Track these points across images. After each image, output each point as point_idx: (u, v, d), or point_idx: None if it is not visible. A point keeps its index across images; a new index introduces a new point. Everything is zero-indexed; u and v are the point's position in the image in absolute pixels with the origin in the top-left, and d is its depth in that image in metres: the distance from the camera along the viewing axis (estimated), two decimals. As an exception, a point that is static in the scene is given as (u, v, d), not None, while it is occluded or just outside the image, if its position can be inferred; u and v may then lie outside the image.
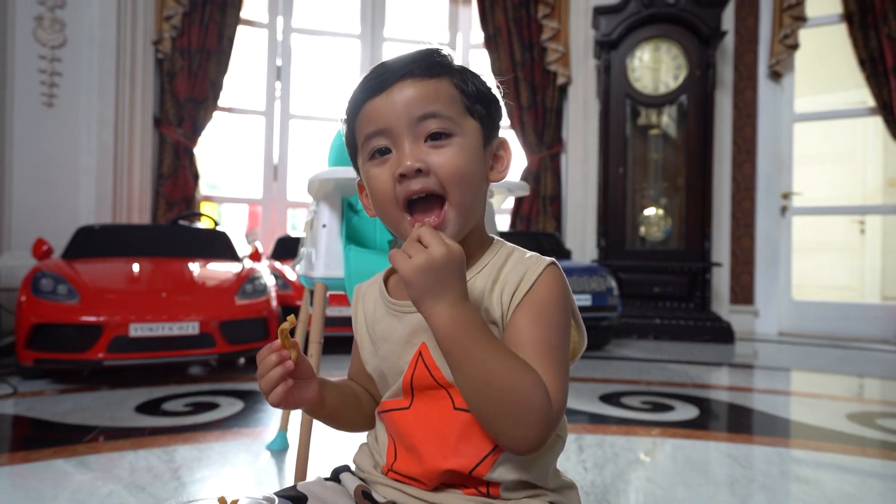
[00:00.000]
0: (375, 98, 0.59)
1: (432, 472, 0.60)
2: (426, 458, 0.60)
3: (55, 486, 1.50)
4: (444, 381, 0.60)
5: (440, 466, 0.59)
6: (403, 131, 0.58)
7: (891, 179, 5.56)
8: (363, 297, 0.71)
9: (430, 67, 0.60)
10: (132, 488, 1.49)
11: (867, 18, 4.51)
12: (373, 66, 0.63)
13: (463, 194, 0.59)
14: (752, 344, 4.43)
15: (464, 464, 0.59)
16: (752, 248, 5.09)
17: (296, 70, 5.55)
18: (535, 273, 0.59)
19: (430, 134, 0.58)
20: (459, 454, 0.59)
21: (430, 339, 0.60)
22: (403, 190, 0.58)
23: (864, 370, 3.45)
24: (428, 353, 0.61)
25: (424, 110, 0.58)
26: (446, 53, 0.63)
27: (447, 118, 0.58)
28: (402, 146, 0.58)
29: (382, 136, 0.59)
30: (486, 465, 0.58)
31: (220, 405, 2.33)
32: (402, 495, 0.63)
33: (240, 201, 5.86)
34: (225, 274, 3.12)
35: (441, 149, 0.58)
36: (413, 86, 0.58)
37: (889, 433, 2.13)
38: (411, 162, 0.57)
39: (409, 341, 0.63)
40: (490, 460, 0.58)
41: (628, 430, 2.08)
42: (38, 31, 4.28)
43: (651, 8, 4.61)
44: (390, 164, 0.59)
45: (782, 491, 1.57)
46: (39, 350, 2.56)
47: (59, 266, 2.89)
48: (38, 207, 4.27)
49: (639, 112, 4.85)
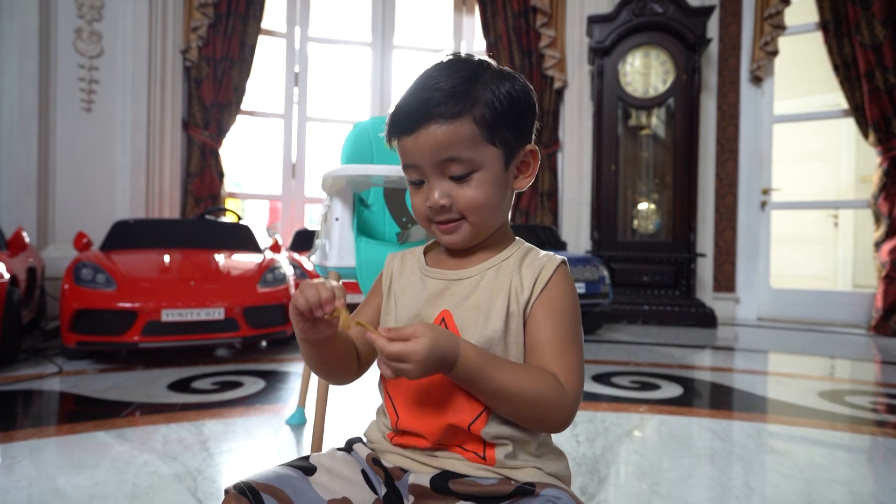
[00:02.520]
0: (406, 138, 0.62)
1: (434, 426, 0.62)
2: (428, 413, 0.63)
3: (97, 455, 1.52)
4: None
5: (442, 420, 0.62)
6: (431, 170, 0.62)
7: (863, 176, 5.50)
8: (400, 260, 0.74)
9: (453, 107, 0.60)
10: (165, 458, 1.51)
11: (841, 27, 4.45)
12: (405, 96, 0.63)
13: (480, 217, 0.63)
14: (733, 328, 4.42)
15: (462, 419, 0.61)
16: (734, 239, 5.06)
17: (312, 76, 5.53)
18: (550, 271, 0.64)
19: (452, 175, 0.62)
20: (458, 409, 0.62)
21: (452, 305, 0.65)
22: (433, 215, 0.64)
23: (835, 352, 3.44)
24: (451, 320, 0.64)
25: (446, 155, 0.61)
26: (472, 74, 0.61)
27: (466, 160, 0.61)
28: (432, 180, 0.63)
29: (415, 170, 0.64)
30: (481, 421, 0.61)
31: (244, 384, 2.36)
32: (408, 461, 0.65)
33: (261, 197, 5.87)
34: (248, 264, 3.13)
35: (462, 185, 0.62)
36: (436, 132, 0.60)
37: (856, 409, 2.13)
38: (437, 198, 0.63)
39: (430, 302, 0.66)
40: (483, 417, 0.61)
41: (618, 407, 2.09)
42: (78, 42, 4.29)
43: (641, 17, 4.57)
44: (424, 193, 0.64)
45: (758, 462, 1.58)
46: (81, 333, 2.59)
47: (98, 257, 2.92)
48: (78, 204, 4.30)
49: (630, 114, 4.82)
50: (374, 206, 1.64)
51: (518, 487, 0.59)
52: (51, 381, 2.36)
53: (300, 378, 1.98)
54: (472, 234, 0.65)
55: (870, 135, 4.39)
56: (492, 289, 0.64)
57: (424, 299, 0.67)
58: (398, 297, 0.70)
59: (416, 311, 0.67)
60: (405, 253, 0.76)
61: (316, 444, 1.33)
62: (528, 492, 0.59)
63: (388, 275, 0.73)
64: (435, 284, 0.67)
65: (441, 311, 0.65)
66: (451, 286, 0.66)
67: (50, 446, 1.59)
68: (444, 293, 0.66)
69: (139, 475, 1.40)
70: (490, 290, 0.64)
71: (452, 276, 0.67)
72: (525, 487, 0.59)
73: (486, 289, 0.65)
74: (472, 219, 0.64)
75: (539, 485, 0.60)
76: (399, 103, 0.64)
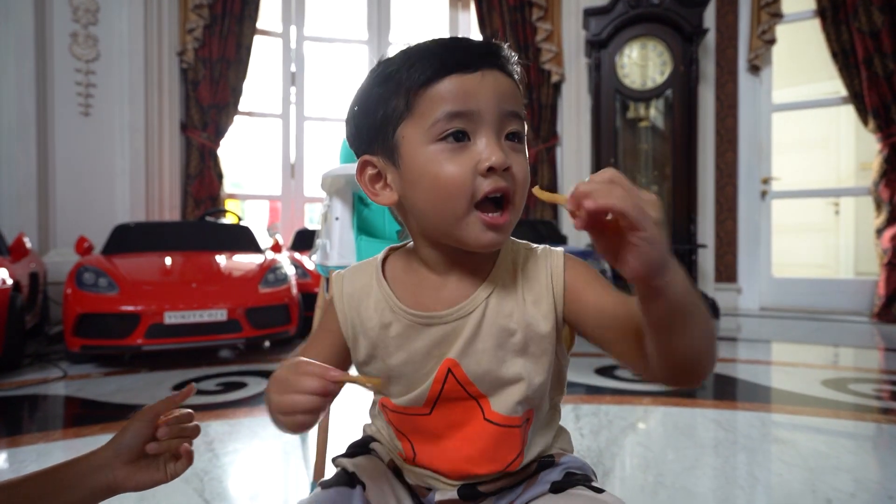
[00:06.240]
0: (467, 75, 0.48)
1: (459, 472, 0.56)
2: (453, 459, 0.55)
3: (103, 458, 1.53)
4: (478, 392, 0.54)
5: (469, 471, 0.55)
6: (492, 121, 0.49)
7: (863, 163, 5.48)
8: (353, 294, 0.58)
9: (511, 65, 0.51)
10: (172, 459, 1.52)
11: (839, 14, 4.43)
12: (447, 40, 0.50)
13: (522, 199, 0.51)
14: (735, 318, 4.42)
15: (494, 468, 0.55)
16: (734, 230, 5.05)
17: (309, 75, 5.52)
18: (559, 263, 0.55)
19: (509, 133, 0.50)
20: (490, 461, 0.55)
21: (457, 353, 0.53)
22: (490, 184, 0.48)
23: (838, 340, 3.44)
24: (459, 370, 0.53)
25: (512, 107, 0.50)
26: None
27: (523, 121, 0.52)
28: (487, 137, 0.48)
29: (466, 119, 0.48)
30: (516, 463, 0.56)
31: (248, 384, 2.36)
32: (431, 480, 0.59)
33: (261, 198, 5.86)
34: (249, 265, 3.14)
35: (517, 151, 0.51)
36: (504, 78, 0.50)
37: (860, 397, 2.13)
38: (503, 157, 0.48)
39: (429, 353, 0.54)
40: (519, 459, 0.56)
41: (621, 400, 2.09)
42: (74, 46, 4.28)
43: (637, 8, 4.54)
44: (470, 155, 0.48)
45: (761, 451, 1.58)
46: (85, 337, 2.60)
47: (100, 261, 2.92)
48: (78, 208, 4.30)
49: (628, 106, 4.80)
50: (373, 204, 1.65)
51: (539, 463, 0.58)
52: (55, 385, 2.37)
53: (304, 377, 1.99)
54: (510, 229, 0.52)
55: (869, 121, 4.38)
56: (504, 314, 0.53)
57: (424, 350, 0.54)
58: (395, 348, 0.55)
59: (416, 364, 0.54)
60: (354, 273, 0.59)
61: (321, 444, 1.34)
62: (548, 463, 0.58)
63: (343, 309, 0.57)
64: (434, 332, 0.54)
65: (444, 361, 0.54)
66: (450, 330, 0.53)
67: (56, 450, 1.60)
68: (445, 337, 0.53)
69: (146, 477, 1.40)
70: (505, 315, 0.53)
71: (449, 320, 0.53)
72: (545, 460, 0.58)
73: (496, 317, 0.53)
74: (517, 201, 0.50)
75: (557, 454, 0.59)
76: (442, 42, 0.50)
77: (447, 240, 0.52)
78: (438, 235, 0.52)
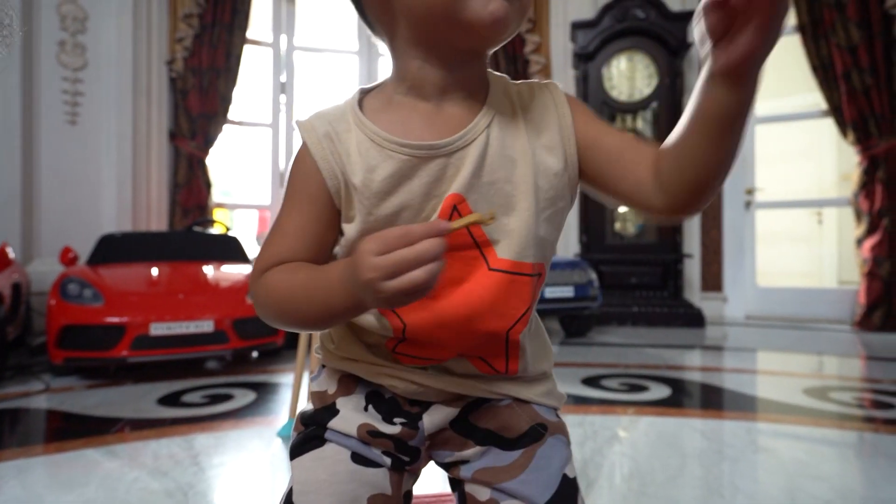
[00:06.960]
0: None
1: (459, 337, 0.51)
2: (452, 321, 0.49)
3: (86, 473, 1.52)
4: (484, 238, 0.49)
5: (472, 328, 0.50)
6: None
7: (844, 174, 5.60)
8: (330, 135, 0.49)
9: None
10: (155, 474, 1.51)
11: (818, 30, 4.54)
12: None
13: None
14: (721, 328, 4.47)
15: (503, 325, 0.51)
16: (720, 239, 5.13)
17: (299, 84, 5.54)
18: (561, 95, 0.54)
19: None
20: (497, 315, 0.50)
21: (462, 188, 0.48)
22: None
23: (821, 348, 3.49)
24: (466, 206, 0.48)
25: None
26: None
27: None
28: None
29: None
30: (520, 325, 0.51)
31: (235, 396, 2.35)
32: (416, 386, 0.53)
33: (250, 207, 5.85)
34: (237, 275, 3.13)
35: None
36: None
37: (840, 405, 2.16)
38: None
39: (428, 192, 0.48)
40: (524, 320, 0.52)
41: (606, 410, 2.11)
42: (62, 55, 4.26)
43: (624, 22, 4.63)
44: None
45: (743, 460, 1.60)
46: (68, 349, 2.57)
47: (85, 272, 2.90)
48: (63, 217, 4.26)
49: (615, 117, 4.87)
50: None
51: (531, 428, 0.55)
52: (38, 398, 2.34)
53: (291, 389, 1.98)
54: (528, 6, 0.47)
55: (849, 134, 4.48)
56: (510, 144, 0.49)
57: (423, 190, 0.48)
58: (371, 192, 0.48)
59: (414, 209, 0.48)
60: (324, 114, 0.51)
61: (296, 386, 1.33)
62: (539, 434, 0.55)
63: (324, 155, 0.49)
64: (429, 169, 0.48)
65: (447, 197, 0.48)
66: (451, 163, 0.48)
67: (38, 465, 1.58)
68: (452, 167, 0.48)
69: (129, 492, 1.39)
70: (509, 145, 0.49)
71: (450, 150, 0.48)
72: (538, 430, 0.55)
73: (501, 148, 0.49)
74: None
75: (550, 428, 0.56)
76: None
77: (446, 29, 0.46)
78: (435, 26, 0.46)
